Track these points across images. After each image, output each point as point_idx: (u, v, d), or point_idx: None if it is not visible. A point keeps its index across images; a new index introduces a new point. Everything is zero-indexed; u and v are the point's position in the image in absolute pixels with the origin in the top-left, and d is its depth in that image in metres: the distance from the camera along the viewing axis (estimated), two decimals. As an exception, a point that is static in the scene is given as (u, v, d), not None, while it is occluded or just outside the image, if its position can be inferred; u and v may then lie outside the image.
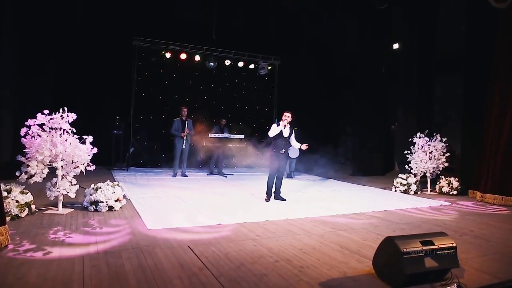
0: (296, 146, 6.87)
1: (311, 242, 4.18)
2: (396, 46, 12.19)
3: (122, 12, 10.58)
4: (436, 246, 3.07)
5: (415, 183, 8.16)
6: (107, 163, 10.31)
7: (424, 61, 10.67)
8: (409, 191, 8.08)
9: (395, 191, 8.29)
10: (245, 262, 3.47)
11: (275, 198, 6.77)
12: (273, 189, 6.75)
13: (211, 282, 2.99)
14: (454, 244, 3.17)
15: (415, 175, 8.36)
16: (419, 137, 8.35)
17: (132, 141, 10.96)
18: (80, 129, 5.33)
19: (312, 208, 6.16)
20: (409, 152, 8.51)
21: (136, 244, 3.88)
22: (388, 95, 12.14)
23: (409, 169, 8.48)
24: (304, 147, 6.78)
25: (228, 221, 5.01)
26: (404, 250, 2.92)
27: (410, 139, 8.53)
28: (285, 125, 6.55)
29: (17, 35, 7.93)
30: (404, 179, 8.24)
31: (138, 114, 11.23)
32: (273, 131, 6.57)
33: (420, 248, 2.99)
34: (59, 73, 9.78)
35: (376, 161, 11.75)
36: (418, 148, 8.36)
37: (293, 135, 6.76)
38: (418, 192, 8.17)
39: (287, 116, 6.58)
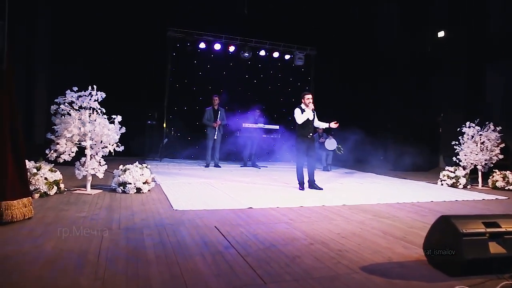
0: (322, 126, 6.45)
1: (350, 228, 3.77)
2: (441, 34, 11.38)
3: (157, 2, 10.53)
4: (504, 229, 2.58)
5: (464, 176, 7.43)
6: (140, 153, 10.31)
7: (473, 48, 9.86)
8: (458, 184, 7.38)
9: (442, 184, 7.61)
10: (276, 244, 3.13)
11: (309, 187, 6.31)
12: (307, 178, 6.35)
13: (237, 261, 2.68)
14: (525, 228, 2.66)
15: (464, 168, 7.62)
16: (469, 127, 7.60)
17: (166, 132, 10.90)
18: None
19: (350, 196, 5.71)
20: (457, 143, 7.77)
21: (160, 222, 3.65)
22: (432, 87, 11.35)
23: (457, 161, 7.74)
24: (333, 125, 6.34)
25: (259, 205, 4.69)
26: (464, 231, 2.46)
27: (458, 129, 7.80)
28: (312, 108, 6.16)
29: (52, 26, 8.07)
30: (451, 172, 7.54)
31: (172, 105, 11.16)
32: (302, 117, 6.13)
33: (483, 230, 2.52)
34: (94, 64, 9.79)
35: (418, 156, 10.92)
36: (468, 139, 7.62)
37: (316, 116, 6.35)
38: (468, 186, 7.43)
39: (311, 98, 6.17)
